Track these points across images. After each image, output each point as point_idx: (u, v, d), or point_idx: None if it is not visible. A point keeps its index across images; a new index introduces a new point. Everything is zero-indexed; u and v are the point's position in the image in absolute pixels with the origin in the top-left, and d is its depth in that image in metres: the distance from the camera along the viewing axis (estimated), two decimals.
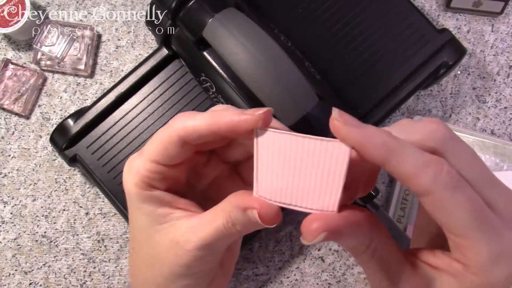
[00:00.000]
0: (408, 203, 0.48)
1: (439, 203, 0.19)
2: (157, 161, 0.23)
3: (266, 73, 0.36)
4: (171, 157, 0.23)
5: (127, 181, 0.24)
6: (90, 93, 0.52)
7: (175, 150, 0.23)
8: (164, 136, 0.23)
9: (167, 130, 0.23)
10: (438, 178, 0.19)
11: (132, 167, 0.24)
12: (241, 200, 0.22)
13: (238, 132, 0.22)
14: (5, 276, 0.49)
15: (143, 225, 0.24)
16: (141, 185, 0.24)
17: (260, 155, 0.22)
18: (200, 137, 0.23)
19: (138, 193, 0.24)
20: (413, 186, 0.20)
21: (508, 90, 0.52)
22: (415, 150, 0.20)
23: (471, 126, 0.51)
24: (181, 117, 0.23)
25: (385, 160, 0.19)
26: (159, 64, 0.45)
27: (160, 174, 0.24)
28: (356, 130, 0.20)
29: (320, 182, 0.21)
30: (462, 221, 0.19)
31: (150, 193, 0.24)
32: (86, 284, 0.49)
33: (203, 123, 0.22)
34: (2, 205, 0.50)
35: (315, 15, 0.46)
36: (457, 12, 0.53)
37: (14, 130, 0.51)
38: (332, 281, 0.49)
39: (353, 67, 0.45)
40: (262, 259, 0.49)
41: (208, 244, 0.23)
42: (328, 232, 0.20)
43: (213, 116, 0.22)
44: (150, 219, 0.24)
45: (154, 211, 0.24)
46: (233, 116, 0.22)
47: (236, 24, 0.37)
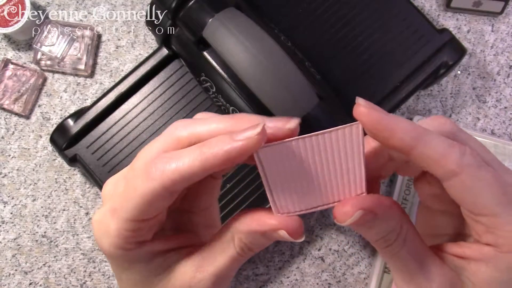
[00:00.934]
0: (408, 203, 0.48)
1: (466, 183, 0.20)
2: (141, 219, 0.20)
3: (266, 73, 0.36)
4: (157, 211, 0.20)
5: (105, 244, 0.21)
6: (90, 93, 0.52)
7: (162, 203, 0.20)
8: (145, 191, 0.19)
9: (147, 184, 0.19)
10: (464, 158, 0.19)
11: (109, 228, 0.21)
12: (256, 224, 0.20)
13: (236, 163, 0.19)
14: (5, 276, 0.49)
15: (140, 282, 0.22)
16: (126, 246, 0.21)
17: (268, 173, 0.20)
18: (191, 181, 0.19)
19: (124, 254, 0.21)
20: (440, 168, 0.20)
21: (508, 90, 0.52)
22: (439, 135, 0.20)
23: (471, 126, 0.51)
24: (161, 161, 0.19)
25: (413, 143, 0.19)
26: (159, 64, 0.45)
27: (145, 229, 0.21)
28: (385, 115, 0.20)
29: (341, 172, 0.20)
30: (490, 198, 0.20)
31: (139, 250, 0.21)
32: (86, 284, 0.49)
33: (192, 166, 0.19)
34: (2, 205, 0.50)
35: (315, 15, 0.45)
36: (457, 12, 0.53)
37: (14, 130, 0.51)
38: (332, 281, 0.49)
39: (353, 67, 0.45)
40: (262, 259, 0.49)
41: (222, 275, 0.22)
42: (364, 211, 0.19)
43: (202, 154, 0.19)
44: (145, 274, 0.22)
45: (147, 266, 0.21)
46: (226, 146, 0.18)
47: (236, 24, 0.37)
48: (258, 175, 0.43)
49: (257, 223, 0.20)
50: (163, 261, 0.22)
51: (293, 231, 0.20)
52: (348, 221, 0.20)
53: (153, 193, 0.19)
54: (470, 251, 0.22)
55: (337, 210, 0.20)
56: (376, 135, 0.20)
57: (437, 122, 0.22)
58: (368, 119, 0.20)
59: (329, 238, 0.49)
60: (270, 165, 0.20)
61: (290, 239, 0.20)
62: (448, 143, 0.20)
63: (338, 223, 0.20)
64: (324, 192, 0.21)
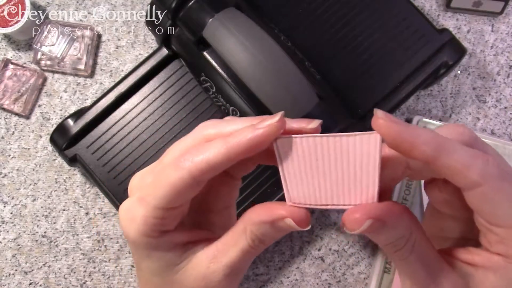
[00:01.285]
0: (408, 203, 0.48)
1: (487, 195, 0.20)
2: (168, 207, 0.21)
3: (266, 73, 0.36)
4: (185, 200, 0.22)
5: (131, 231, 0.22)
6: (90, 93, 0.52)
7: (189, 192, 0.21)
8: (174, 179, 0.21)
9: (176, 173, 0.21)
10: (486, 170, 0.20)
11: (136, 215, 0.22)
12: (264, 215, 0.21)
13: (258, 150, 0.21)
14: (5, 276, 0.49)
15: (158, 270, 0.23)
16: (151, 233, 0.22)
17: (285, 163, 0.21)
18: (217, 170, 0.21)
19: (148, 242, 0.22)
20: (462, 179, 0.20)
21: (508, 90, 0.52)
22: (461, 145, 0.20)
23: (471, 126, 0.51)
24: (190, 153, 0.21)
25: (435, 155, 0.19)
26: (159, 64, 0.45)
27: (170, 218, 0.22)
28: (405, 128, 0.20)
29: (354, 177, 0.21)
30: (508, 211, 0.20)
31: (162, 239, 0.22)
32: (86, 284, 0.49)
33: (217, 153, 0.20)
34: (2, 205, 0.50)
35: (315, 15, 0.45)
36: (457, 12, 0.53)
37: (14, 130, 0.51)
38: (332, 281, 0.49)
39: (353, 67, 0.45)
40: (262, 259, 0.49)
41: (235, 268, 0.22)
42: (374, 220, 0.20)
43: (227, 143, 0.20)
44: (164, 263, 0.23)
45: (167, 255, 0.22)
46: (249, 134, 0.20)
47: (236, 24, 0.37)
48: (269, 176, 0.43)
49: (267, 213, 0.21)
50: (182, 252, 0.23)
51: (300, 219, 0.21)
52: (358, 231, 0.20)
53: (182, 181, 0.20)
54: (479, 259, 0.22)
55: (347, 218, 0.20)
56: (397, 147, 0.20)
57: (455, 132, 0.22)
58: (388, 132, 0.20)
59: (329, 238, 0.49)
60: (287, 155, 0.21)
61: (297, 228, 0.21)
62: (471, 153, 0.20)
63: (347, 231, 0.20)
64: (336, 192, 0.21)
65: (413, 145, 0.20)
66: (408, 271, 0.22)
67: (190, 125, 0.44)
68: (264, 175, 0.43)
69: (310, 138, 0.21)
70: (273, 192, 0.43)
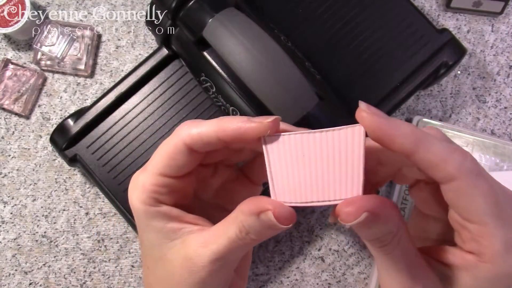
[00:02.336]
0: (408, 203, 0.48)
1: (463, 189, 0.20)
2: (164, 174, 0.23)
3: (266, 73, 0.36)
4: (178, 167, 0.23)
5: (133, 198, 0.23)
6: (90, 93, 0.52)
7: (182, 159, 0.23)
8: (170, 146, 0.23)
9: (172, 139, 0.23)
10: (463, 165, 0.20)
11: (138, 183, 0.23)
12: (252, 205, 0.21)
13: (245, 140, 0.22)
14: (5, 276, 0.49)
15: (154, 243, 0.24)
16: (148, 201, 0.23)
17: (272, 160, 0.22)
18: (207, 144, 0.22)
19: (145, 210, 0.23)
20: (439, 172, 0.20)
21: (508, 90, 0.52)
22: (439, 140, 0.21)
23: (471, 126, 0.51)
24: (186, 124, 0.23)
25: (414, 148, 0.20)
26: (159, 64, 0.45)
27: (167, 187, 0.23)
28: (385, 120, 0.20)
29: (339, 171, 0.21)
30: (482, 207, 0.20)
31: (158, 208, 0.23)
32: (86, 284, 0.49)
33: (209, 129, 0.22)
34: (2, 205, 0.50)
35: (315, 15, 0.45)
36: (457, 12, 0.53)
37: (14, 130, 0.51)
38: (332, 281, 0.49)
39: (353, 67, 0.45)
40: (262, 259, 0.49)
41: (221, 257, 0.22)
42: (369, 213, 0.20)
43: (220, 122, 0.22)
44: (161, 236, 0.23)
45: (163, 228, 0.23)
46: (240, 123, 0.22)
47: (236, 24, 0.37)
48: None
49: (255, 204, 0.21)
50: (177, 229, 0.23)
51: (282, 216, 0.21)
52: (354, 222, 0.20)
53: (176, 147, 0.22)
54: (453, 257, 0.22)
55: (342, 209, 0.20)
56: (378, 140, 0.21)
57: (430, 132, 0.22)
58: (369, 124, 0.20)
59: (329, 238, 0.49)
60: (274, 152, 0.22)
61: (276, 223, 0.21)
62: (449, 148, 0.20)
63: (341, 223, 0.20)
64: (321, 188, 0.21)
65: (393, 138, 0.20)
66: (390, 264, 0.22)
67: None
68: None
69: (297, 135, 0.21)
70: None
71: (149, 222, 0.23)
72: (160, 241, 0.24)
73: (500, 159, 0.48)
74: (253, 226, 0.22)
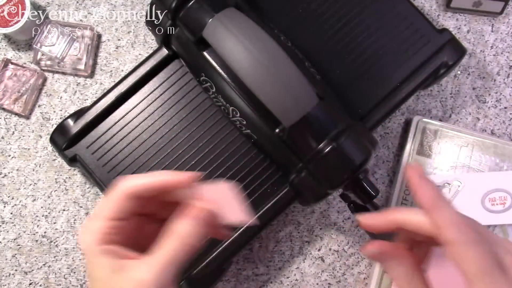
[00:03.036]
0: (408, 203, 0.48)
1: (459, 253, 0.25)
2: (113, 218, 0.27)
3: (266, 73, 0.36)
4: (124, 211, 0.28)
5: (87, 240, 0.27)
6: (90, 93, 0.52)
7: (127, 204, 0.28)
8: (117, 195, 0.28)
9: (117, 191, 0.28)
10: (461, 235, 0.25)
11: (90, 228, 0.28)
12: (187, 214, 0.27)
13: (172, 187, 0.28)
14: (5, 276, 0.49)
15: (105, 276, 0.27)
16: (101, 241, 0.27)
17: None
18: (145, 190, 0.28)
19: (98, 249, 0.27)
20: (441, 236, 0.26)
21: (508, 90, 0.52)
22: (451, 207, 0.26)
23: (471, 126, 0.51)
24: (125, 179, 0.28)
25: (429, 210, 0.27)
26: (159, 64, 0.45)
27: (116, 228, 0.28)
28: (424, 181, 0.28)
29: None
30: (472, 271, 0.25)
31: (110, 247, 0.27)
32: (86, 284, 0.49)
33: (145, 180, 0.28)
34: (2, 205, 0.50)
35: (315, 15, 0.45)
36: (457, 12, 0.53)
37: (14, 130, 0.51)
38: (332, 281, 0.49)
39: (353, 67, 0.45)
40: (262, 259, 0.49)
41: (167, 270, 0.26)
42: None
43: (152, 175, 0.28)
44: (111, 269, 0.27)
45: (113, 262, 0.27)
46: (167, 176, 0.28)
47: (236, 24, 0.37)
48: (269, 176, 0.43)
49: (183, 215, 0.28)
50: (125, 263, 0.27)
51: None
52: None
53: (122, 196, 0.28)
54: None
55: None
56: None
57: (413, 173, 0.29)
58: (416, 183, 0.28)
59: (329, 238, 0.49)
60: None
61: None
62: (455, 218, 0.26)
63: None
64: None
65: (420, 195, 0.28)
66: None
67: (190, 125, 0.44)
68: (264, 175, 0.43)
69: None
70: (273, 192, 0.43)
71: (102, 259, 0.27)
72: (110, 273, 0.27)
73: (500, 159, 0.48)
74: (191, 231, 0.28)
